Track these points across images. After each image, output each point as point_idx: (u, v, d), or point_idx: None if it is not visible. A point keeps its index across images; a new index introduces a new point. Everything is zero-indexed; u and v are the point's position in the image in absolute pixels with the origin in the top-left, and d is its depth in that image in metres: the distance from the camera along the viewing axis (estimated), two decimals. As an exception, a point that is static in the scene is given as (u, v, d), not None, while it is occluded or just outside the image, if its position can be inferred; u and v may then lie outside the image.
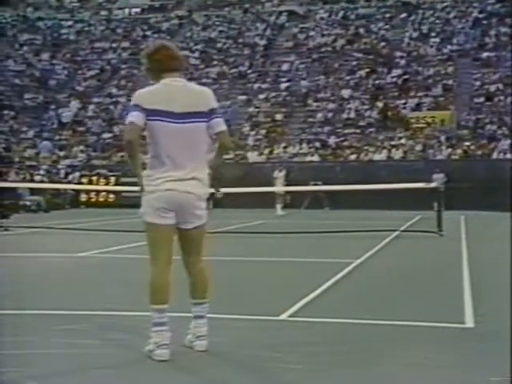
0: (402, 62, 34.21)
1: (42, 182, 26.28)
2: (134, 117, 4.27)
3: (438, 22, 36.99)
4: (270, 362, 4.27)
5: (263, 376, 4.08)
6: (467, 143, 27.28)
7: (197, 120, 4.30)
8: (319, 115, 31.65)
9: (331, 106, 32.33)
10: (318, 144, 29.25)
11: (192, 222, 4.37)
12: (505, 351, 4.45)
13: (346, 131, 30.29)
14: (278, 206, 22.15)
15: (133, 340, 4.84)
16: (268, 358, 4.34)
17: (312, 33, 38.33)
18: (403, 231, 14.77)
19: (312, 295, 6.57)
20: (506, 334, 4.95)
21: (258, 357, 4.31)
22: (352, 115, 31.43)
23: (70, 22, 43.30)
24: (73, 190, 26.63)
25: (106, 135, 33.21)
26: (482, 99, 30.65)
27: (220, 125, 4.39)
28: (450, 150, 27.06)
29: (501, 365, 4.20)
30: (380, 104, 31.27)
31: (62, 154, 31.22)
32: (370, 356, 4.46)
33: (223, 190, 4.73)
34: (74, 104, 35.73)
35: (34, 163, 29.57)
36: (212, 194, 4.64)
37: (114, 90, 36.90)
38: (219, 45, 39.04)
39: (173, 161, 4.26)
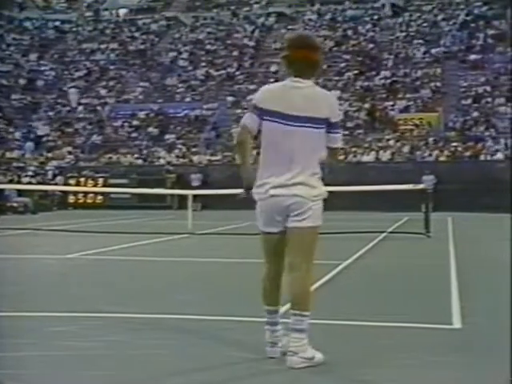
0: (390, 63, 34.35)
1: (29, 183, 26.18)
2: (249, 120, 4.23)
3: (425, 24, 37.17)
4: (262, 364, 4.27)
5: (256, 377, 4.08)
6: (454, 144, 27.44)
7: (310, 125, 4.18)
8: (307, 117, 31.68)
9: (319, 107, 32.37)
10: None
11: (294, 222, 4.19)
12: (494, 352, 4.48)
13: (335, 132, 30.34)
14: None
15: (128, 341, 4.84)
16: (260, 359, 4.34)
17: (300, 34, 38.38)
18: (391, 233, 14.82)
19: (301, 296, 6.57)
20: (495, 334, 4.98)
21: (249, 358, 4.31)
22: (340, 116, 31.46)
23: (57, 23, 43.14)
24: (60, 191, 26.54)
25: (94, 137, 33.13)
26: (469, 101, 30.83)
27: (335, 141, 4.33)
28: (437, 151, 27.19)
29: (489, 365, 4.23)
30: (368, 106, 31.37)
31: (49, 155, 31.11)
32: (357, 357, 4.48)
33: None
34: (74, 92, 35.66)
35: (21, 164, 29.44)
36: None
37: (102, 91, 36.80)
38: (207, 46, 39.03)
39: (280, 164, 4.16)
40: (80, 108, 35.51)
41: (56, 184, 27.52)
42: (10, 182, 25.45)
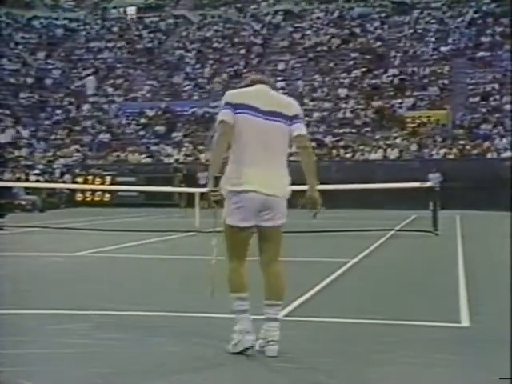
0: (398, 61, 34.25)
1: (37, 181, 26.24)
2: (224, 115, 4.40)
3: (433, 21, 37.04)
4: (267, 362, 4.26)
5: (259, 375, 4.07)
6: (462, 142, 27.34)
7: (281, 120, 4.39)
8: (315, 114, 31.65)
9: (327, 105, 32.34)
10: (314, 143, 29.22)
11: (270, 221, 4.43)
12: (502, 350, 4.46)
13: (342, 131, 30.32)
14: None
15: (130, 339, 4.84)
16: (264, 357, 4.33)
17: (308, 32, 38.35)
18: (399, 230, 14.78)
19: (308, 294, 6.57)
20: (503, 333, 4.96)
21: (253, 356, 4.30)
22: (348, 115, 31.45)
23: (65, 21, 43.22)
24: (68, 189, 26.58)
25: (101, 135, 33.18)
26: (477, 99, 30.72)
27: (301, 128, 4.46)
28: (445, 149, 27.10)
29: (497, 364, 4.21)
30: (376, 103, 31.29)
31: (58, 153, 31.17)
32: (365, 355, 4.47)
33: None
34: (92, 79, 35.90)
35: (29, 163, 29.51)
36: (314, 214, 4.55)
37: (109, 90, 36.85)
38: (215, 44, 39.02)
39: (256, 157, 4.32)
40: (87, 106, 35.57)
41: (64, 182, 27.58)
42: (18, 179, 25.51)
